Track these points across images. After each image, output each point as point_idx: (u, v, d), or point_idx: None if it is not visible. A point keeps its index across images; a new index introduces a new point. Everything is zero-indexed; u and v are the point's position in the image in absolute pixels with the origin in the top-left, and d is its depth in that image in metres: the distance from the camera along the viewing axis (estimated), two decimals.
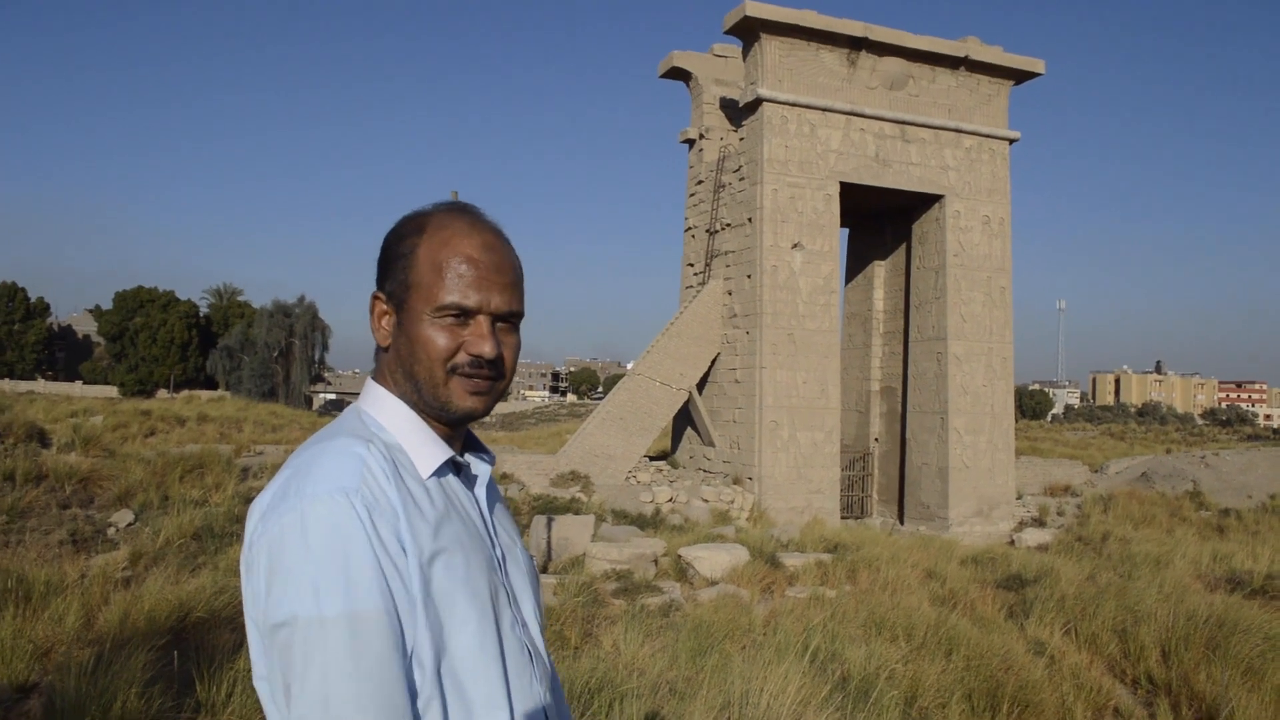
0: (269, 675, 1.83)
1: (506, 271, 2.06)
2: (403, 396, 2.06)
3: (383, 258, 2.10)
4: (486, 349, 2.01)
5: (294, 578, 1.76)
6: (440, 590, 1.89)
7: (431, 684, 1.85)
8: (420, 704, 1.83)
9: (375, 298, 2.11)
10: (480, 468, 2.18)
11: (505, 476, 24.78)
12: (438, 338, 2.00)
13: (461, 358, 2.01)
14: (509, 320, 2.08)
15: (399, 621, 1.80)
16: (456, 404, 2.03)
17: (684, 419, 31.40)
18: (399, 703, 1.76)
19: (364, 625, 1.75)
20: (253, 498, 2.31)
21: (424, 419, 2.06)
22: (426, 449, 2.03)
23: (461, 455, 2.16)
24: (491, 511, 2.18)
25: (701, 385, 30.21)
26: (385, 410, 2.06)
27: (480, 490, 2.16)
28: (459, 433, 2.15)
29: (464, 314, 2.01)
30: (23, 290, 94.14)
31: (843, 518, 29.02)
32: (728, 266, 29.53)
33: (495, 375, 2.06)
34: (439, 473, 2.04)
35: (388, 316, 2.09)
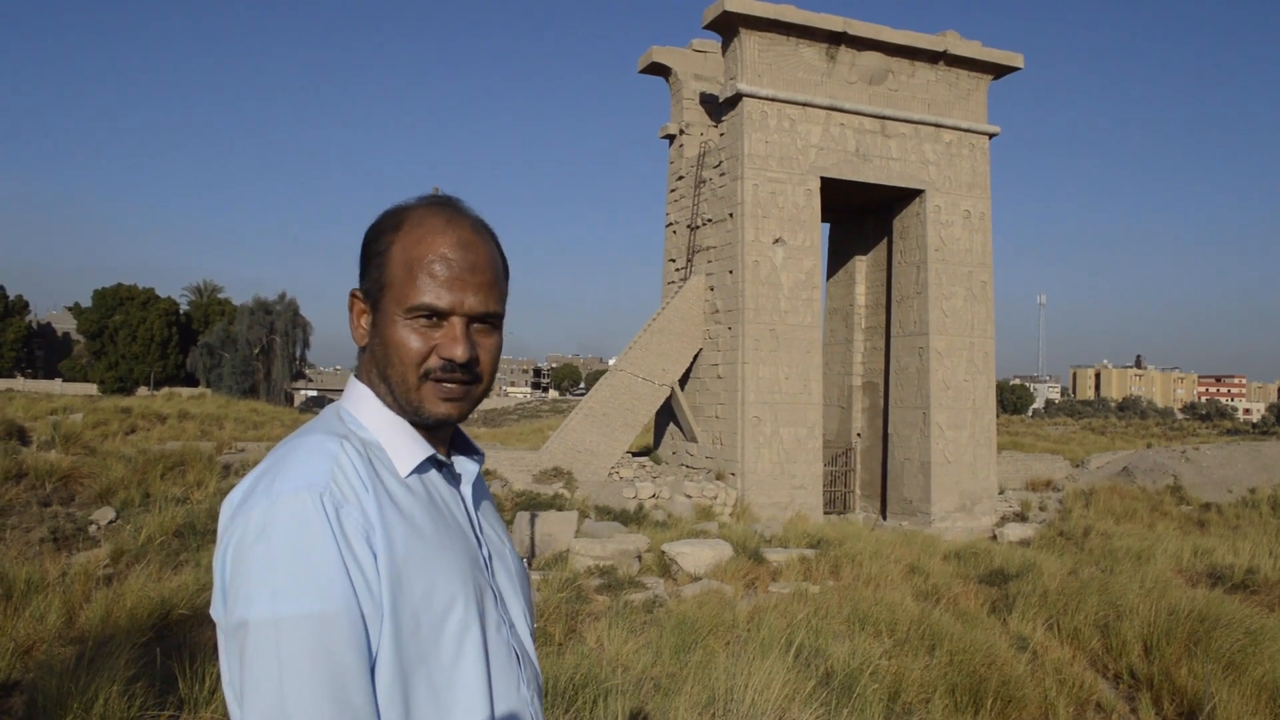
0: (229, 680, 1.76)
1: (483, 270, 1.98)
2: (380, 396, 2.01)
3: (362, 254, 2.04)
4: (458, 352, 1.94)
5: (253, 578, 1.70)
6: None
7: (403, 687, 1.79)
8: (389, 708, 1.77)
9: (353, 295, 2.05)
10: (466, 466, 2.12)
11: (488, 473, 24.70)
12: (410, 340, 1.94)
13: (434, 361, 1.95)
14: (486, 321, 2.01)
15: (363, 623, 1.74)
16: (429, 409, 1.97)
17: (666, 415, 31.36)
18: (360, 706, 1.70)
19: (323, 627, 1.69)
20: None
21: (403, 418, 2.00)
22: (405, 447, 1.97)
23: (448, 454, 2.10)
24: (478, 510, 2.13)
25: (684, 381, 30.17)
26: (365, 408, 2.01)
27: (466, 489, 2.10)
28: (442, 433, 2.08)
29: (436, 315, 1.94)
30: (1, 287, 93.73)
31: (825, 513, 29.02)
32: (709, 262, 29.49)
33: (469, 379, 1.99)
34: (420, 470, 1.98)
35: (365, 315, 2.03)
